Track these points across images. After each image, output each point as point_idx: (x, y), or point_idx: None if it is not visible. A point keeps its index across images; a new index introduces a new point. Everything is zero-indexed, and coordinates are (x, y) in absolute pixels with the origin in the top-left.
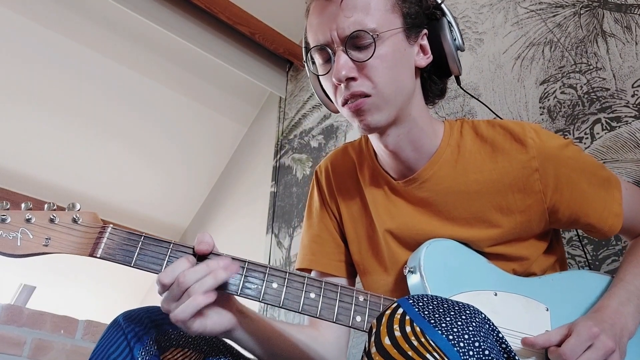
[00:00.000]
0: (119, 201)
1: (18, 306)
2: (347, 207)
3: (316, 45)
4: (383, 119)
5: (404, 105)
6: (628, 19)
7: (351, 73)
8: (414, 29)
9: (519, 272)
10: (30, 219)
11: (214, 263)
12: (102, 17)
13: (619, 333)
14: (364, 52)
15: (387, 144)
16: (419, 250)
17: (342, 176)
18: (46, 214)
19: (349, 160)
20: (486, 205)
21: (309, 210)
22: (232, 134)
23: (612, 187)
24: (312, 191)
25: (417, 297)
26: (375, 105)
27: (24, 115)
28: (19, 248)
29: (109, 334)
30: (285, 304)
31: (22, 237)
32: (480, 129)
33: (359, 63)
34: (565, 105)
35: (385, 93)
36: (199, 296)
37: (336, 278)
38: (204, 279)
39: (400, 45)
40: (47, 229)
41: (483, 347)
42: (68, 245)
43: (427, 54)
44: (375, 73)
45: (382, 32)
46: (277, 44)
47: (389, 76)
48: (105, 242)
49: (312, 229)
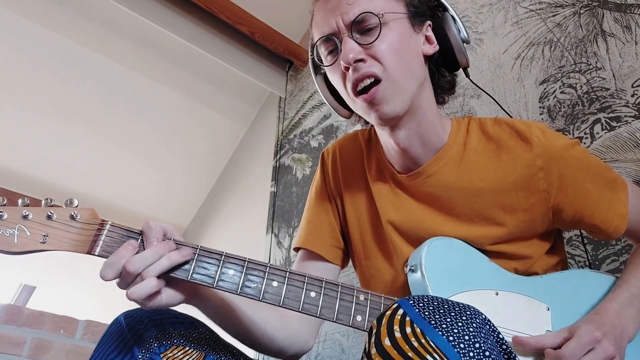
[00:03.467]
0: (118, 201)
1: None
2: (351, 193)
3: (321, 37)
4: (398, 107)
5: (415, 93)
6: (628, 19)
7: (359, 55)
8: (418, 18)
9: (520, 271)
10: (27, 215)
11: (163, 246)
12: (101, 17)
13: (619, 337)
14: (371, 35)
15: (399, 141)
16: (420, 249)
17: (349, 161)
18: (43, 210)
19: (358, 147)
20: (490, 203)
21: (311, 191)
22: (232, 134)
23: (618, 189)
24: (316, 172)
25: (417, 297)
26: (389, 91)
27: (24, 115)
28: (16, 245)
29: (109, 333)
30: (286, 302)
31: (19, 234)
32: (486, 127)
33: (367, 45)
34: (565, 105)
35: (396, 76)
36: (153, 280)
37: (325, 261)
38: (159, 261)
39: (406, 31)
40: (44, 225)
41: (483, 348)
42: (66, 243)
43: (432, 44)
44: (383, 55)
45: (387, 14)
46: (277, 44)
47: (398, 60)
48: (104, 240)
49: (310, 210)
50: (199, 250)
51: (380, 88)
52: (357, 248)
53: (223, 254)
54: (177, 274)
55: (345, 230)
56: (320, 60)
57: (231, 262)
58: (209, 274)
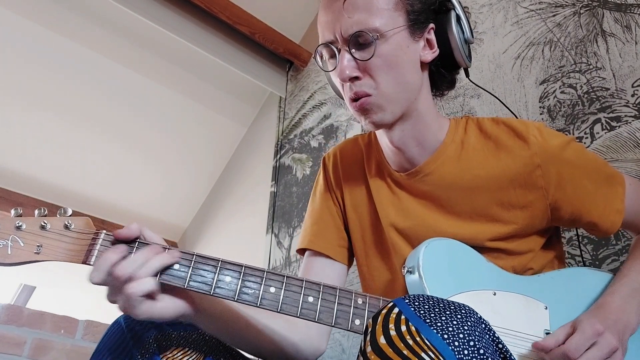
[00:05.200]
0: (118, 201)
1: (18, 306)
2: (352, 196)
3: (323, 43)
4: (387, 117)
5: (410, 101)
6: (628, 19)
7: (354, 73)
8: (419, 25)
9: (517, 269)
10: (20, 226)
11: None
12: (101, 17)
13: (621, 330)
14: (366, 51)
15: (392, 140)
16: (417, 250)
17: (350, 165)
18: (37, 220)
19: (358, 151)
20: (488, 201)
21: (314, 194)
22: (232, 134)
23: (615, 184)
24: (318, 176)
25: (412, 296)
26: (377, 104)
27: (25, 115)
28: (10, 256)
29: (109, 334)
30: (284, 308)
31: (13, 244)
32: (484, 126)
33: (361, 62)
34: (565, 104)
35: (387, 92)
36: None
37: (333, 261)
38: (149, 263)
39: (403, 43)
40: (38, 236)
41: (478, 346)
42: (60, 253)
43: (433, 49)
44: (376, 72)
45: (385, 32)
46: (277, 44)
47: (392, 75)
48: (99, 249)
49: (315, 212)
50: (195, 257)
51: (370, 100)
52: (359, 248)
53: (219, 261)
54: (173, 281)
55: (348, 231)
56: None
57: (228, 268)
58: (205, 281)
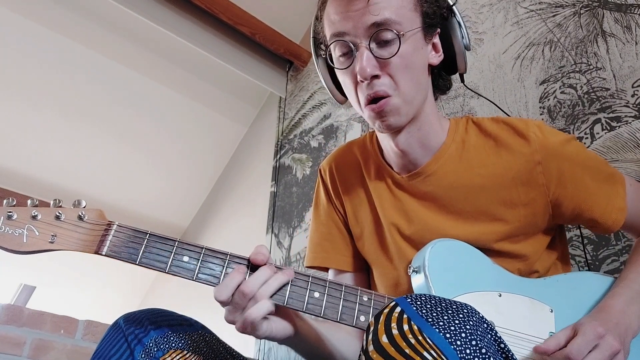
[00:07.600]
0: (119, 201)
1: (18, 306)
2: (352, 204)
3: (338, 38)
4: (403, 119)
5: (421, 103)
6: (628, 19)
7: (375, 71)
8: (431, 28)
9: (523, 271)
10: (36, 215)
11: (268, 267)
12: (102, 17)
13: (623, 333)
14: (387, 49)
15: (398, 143)
16: (424, 250)
17: (346, 173)
18: (52, 210)
19: (353, 158)
20: (490, 200)
21: (316, 208)
22: (232, 134)
23: (616, 183)
24: (317, 189)
25: (415, 296)
26: (397, 106)
27: (25, 115)
28: (25, 245)
29: (109, 336)
30: (290, 302)
31: (28, 233)
32: (484, 125)
33: (382, 60)
34: (565, 105)
35: (407, 93)
36: (268, 301)
37: (349, 274)
38: (268, 282)
39: (418, 44)
40: (53, 225)
41: (480, 346)
42: (74, 243)
43: (438, 52)
44: (397, 72)
45: (406, 32)
46: (277, 44)
47: (410, 76)
48: (111, 240)
49: (321, 226)
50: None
51: (390, 102)
52: (366, 256)
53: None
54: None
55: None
56: (330, 58)
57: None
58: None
